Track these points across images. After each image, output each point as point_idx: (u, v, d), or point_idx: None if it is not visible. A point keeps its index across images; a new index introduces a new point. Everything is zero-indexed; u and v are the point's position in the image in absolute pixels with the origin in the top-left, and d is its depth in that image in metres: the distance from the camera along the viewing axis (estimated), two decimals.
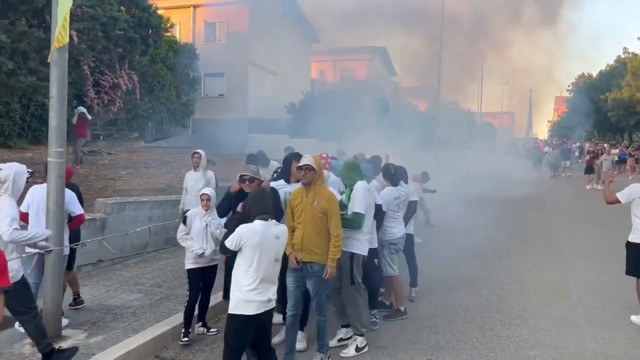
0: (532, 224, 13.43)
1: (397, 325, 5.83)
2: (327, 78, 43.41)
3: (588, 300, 7.12)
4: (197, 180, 8.08)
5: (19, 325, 5.49)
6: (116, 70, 17.94)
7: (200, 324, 5.83)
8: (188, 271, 5.66)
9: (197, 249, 5.51)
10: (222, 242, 4.21)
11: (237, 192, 5.49)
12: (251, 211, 4.18)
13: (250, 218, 4.15)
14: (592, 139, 55.21)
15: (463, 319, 6.35)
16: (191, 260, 5.60)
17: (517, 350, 5.47)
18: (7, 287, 3.54)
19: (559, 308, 6.78)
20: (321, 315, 4.99)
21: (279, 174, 6.26)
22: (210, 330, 5.83)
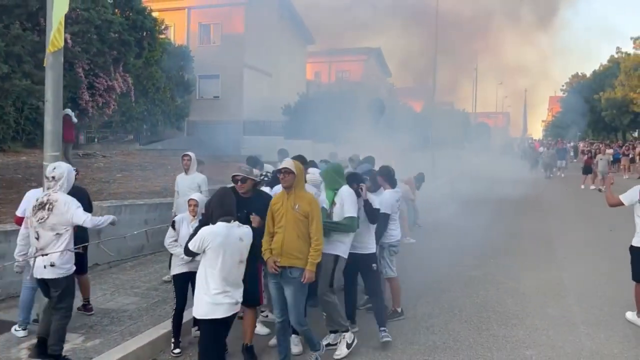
0: (528, 223, 13.47)
1: (394, 326, 5.84)
2: (322, 79, 43.42)
3: (584, 299, 7.15)
4: (188, 183, 7.79)
5: (15, 330, 5.48)
6: (110, 72, 17.92)
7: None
8: (174, 277, 5.48)
9: (186, 256, 5.44)
10: (186, 245, 4.12)
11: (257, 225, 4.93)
12: (214, 213, 4.11)
13: (213, 220, 4.09)
14: (587, 139, 55.52)
15: (460, 319, 6.38)
16: (177, 265, 5.41)
17: (514, 350, 5.50)
18: None
19: (555, 308, 6.81)
20: (302, 326, 4.82)
21: (273, 179, 6.17)
22: None
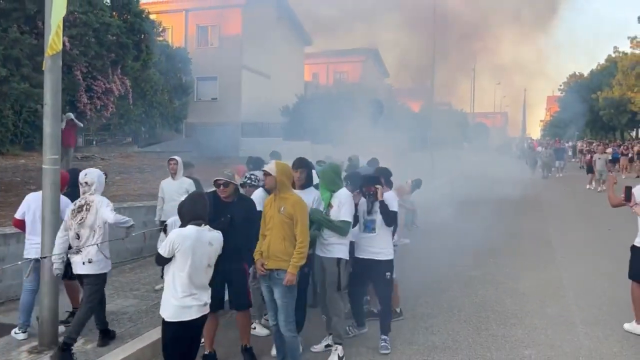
0: (527, 223, 13.49)
1: (393, 327, 5.84)
2: (320, 80, 43.45)
3: (582, 299, 7.17)
4: (175, 188, 7.57)
5: (15, 333, 5.49)
6: (109, 75, 17.93)
7: None
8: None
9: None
10: (157, 253, 4.07)
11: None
12: (185, 216, 4.12)
13: (184, 223, 4.10)
14: (585, 138, 55.55)
15: (459, 319, 6.40)
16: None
17: (513, 349, 5.52)
18: None
19: (554, 307, 6.83)
20: (290, 331, 4.74)
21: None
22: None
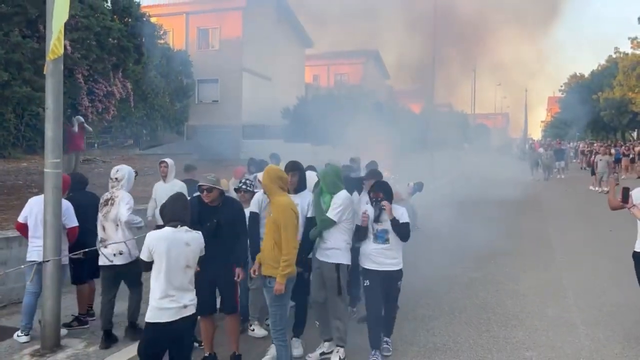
0: (528, 224, 13.49)
1: (394, 328, 5.86)
2: (321, 82, 43.48)
3: (583, 300, 7.18)
4: (167, 191, 7.31)
5: (17, 335, 5.51)
6: (110, 78, 17.95)
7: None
8: None
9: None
10: (139, 259, 4.08)
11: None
12: (164, 218, 4.14)
13: (164, 224, 4.12)
14: (586, 139, 55.53)
15: (459, 321, 6.40)
16: None
17: (514, 351, 5.52)
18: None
19: (554, 308, 6.84)
20: (278, 340, 4.67)
21: None
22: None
